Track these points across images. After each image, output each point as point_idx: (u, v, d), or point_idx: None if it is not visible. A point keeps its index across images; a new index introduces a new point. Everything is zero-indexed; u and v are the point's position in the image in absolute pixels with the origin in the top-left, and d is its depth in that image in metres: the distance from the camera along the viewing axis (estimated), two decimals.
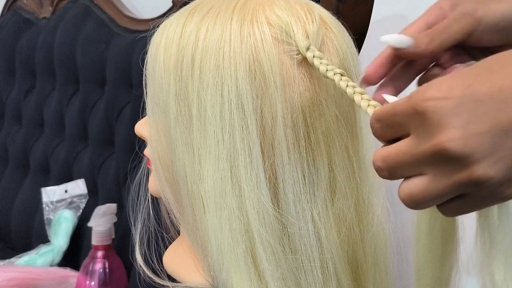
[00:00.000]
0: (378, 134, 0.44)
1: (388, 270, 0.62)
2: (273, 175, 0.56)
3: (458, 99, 0.38)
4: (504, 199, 0.40)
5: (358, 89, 0.50)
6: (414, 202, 0.41)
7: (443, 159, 0.39)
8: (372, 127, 0.44)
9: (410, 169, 0.41)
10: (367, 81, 0.53)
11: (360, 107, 0.49)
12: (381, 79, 0.53)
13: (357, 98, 0.49)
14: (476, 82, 0.38)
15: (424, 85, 0.40)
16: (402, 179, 0.42)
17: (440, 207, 0.42)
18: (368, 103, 0.48)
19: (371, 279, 0.61)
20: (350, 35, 0.61)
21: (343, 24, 0.61)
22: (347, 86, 0.51)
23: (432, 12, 0.52)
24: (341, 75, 0.52)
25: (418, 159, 0.40)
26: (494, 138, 0.38)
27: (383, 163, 0.42)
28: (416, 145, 0.40)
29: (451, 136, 0.38)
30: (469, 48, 0.52)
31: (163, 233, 0.71)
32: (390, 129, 0.42)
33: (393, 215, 0.62)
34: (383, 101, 0.47)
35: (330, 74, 0.52)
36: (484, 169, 0.38)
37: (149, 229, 0.70)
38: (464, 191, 0.40)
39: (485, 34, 0.50)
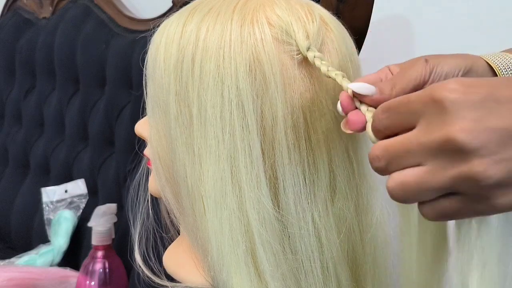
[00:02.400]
0: (383, 125, 0.44)
1: (388, 271, 0.62)
2: (273, 175, 0.56)
3: (477, 95, 0.39)
4: (495, 207, 0.40)
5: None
6: (404, 192, 0.41)
7: (449, 149, 0.39)
8: (375, 119, 0.44)
9: (409, 159, 0.41)
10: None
11: (359, 108, 0.49)
12: None
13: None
14: (498, 85, 0.39)
15: (447, 80, 0.41)
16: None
17: (424, 206, 0.42)
18: (368, 108, 0.49)
19: (371, 279, 0.61)
20: (350, 35, 0.61)
21: (343, 24, 0.61)
22: (348, 88, 0.51)
23: (383, 71, 0.54)
24: (342, 75, 0.52)
25: (423, 148, 0.40)
26: (503, 138, 0.38)
27: (384, 151, 0.42)
28: (423, 133, 0.40)
29: (463, 127, 0.38)
30: None
31: (162, 233, 0.71)
32: (398, 118, 0.43)
33: (393, 216, 0.62)
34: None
35: (331, 73, 0.53)
36: (485, 166, 0.38)
37: (148, 229, 0.70)
38: (458, 187, 0.40)
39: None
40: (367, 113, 0.49)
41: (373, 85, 0.50)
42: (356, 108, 0.50)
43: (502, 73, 0.54)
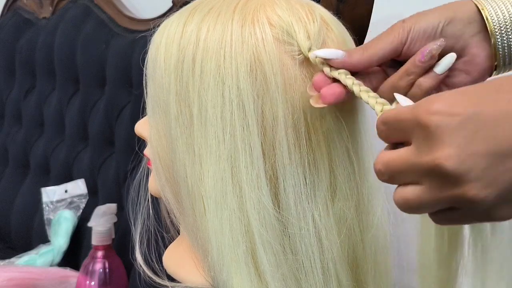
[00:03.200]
0: (383, 136, 0.44)
1: (388, 271, 0.62)
2: (273, 175, 0.56)
3: (462, 117, 0.38)
4: (496, 219, 0.41)
5: (364, 87, 0.51)
6: (407, 207, 0.42)
7: (439, 175, 0.39)
8: (377, 128, 0.45)
9: (408, 177, 0.42)
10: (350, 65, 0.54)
11: (367, 103, 0.50)
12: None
13: (364, 95, 0.50)
14: (483, 101, 0.39)
15: (432, 96, 0.41)
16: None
17: (432, 215, 0.43)
18: (376, 101, 0.49)
19: (371, 279, 0.61)
20: (351, 35, 0.61)
21: (343, 24, 0.61)
22: (353, 84, 0.52)
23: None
24: (346, 74, 0.53)
25: (416, 169, 0.41)
26: (490, 161, 0.38)
27: (385, 168, 0.43)
28: (415, 156, 0.41)
29: (449, 154, 0.39)
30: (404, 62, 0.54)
31: (163, 233, 0.71)
32: (394, 134, 0.43)
33: (393, 216, 0.62)
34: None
35: (334, 73, 0.53)
36: (477, 190, 0.39)
37: (149, 229, 0.70)
38: (456, 205, 0.41)
39: (416, 44, 0.52)
40: (347, 80, 0.51)
41: (342, 50, 0.52)
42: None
43: (495, 29, 0.52)
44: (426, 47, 0.52)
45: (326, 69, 0.53)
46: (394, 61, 0.55)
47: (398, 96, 0.47)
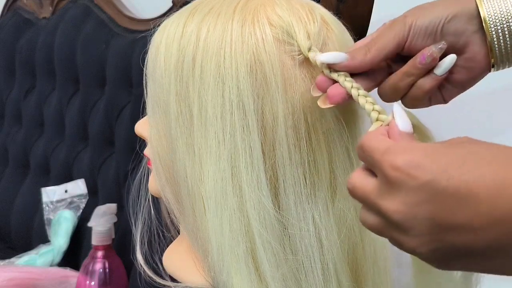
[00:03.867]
0: (359, 157, 0.46)
1: (388, 271, 0.62)
2: (274, 175, 0.56)
3: (418, 182, 0.40)
4: (436, 267, 0.43)
5: (362, 91, 0.51)
6: (367, 228, 0.45)
7: (388, 220, 0.42)
8: (357, 148, 0.46)
9: (368, 208, 0.44)
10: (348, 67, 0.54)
11: (364, 109, 0.50)
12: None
13: (361, 100, 0.50)
14: (444, 171, 0.39)
15: (402, 147, 0.42)
16: None
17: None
18: (373, 107, 0.49)
19: (371, 279, 0.61)
20: (351, 35, 0.61)
21: (343, 24, 0.61)
22: (352, 87, 0.51)
23: (367, 38, 0.55)
24: (345, 76, 0.53)
25: (373, 206, 0.43)
26: (432, 228, 0.40)
27: (351, 191, 0.45)
28: (374, 195, 0.43)
29: (398, 209, 0.41)
30: (408, 58, 0.54)
31: (163, 233, 0.71)
32: (366, 162, 0.45)
33: None
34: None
35: (334, 75, 0.53)
36: (415, 244, 0.41)
37: (149, 229, 0.70)
38: None
39: (418, 40, 0.53)
40: (346, 83, 0.51)
41: (345, 53, 0.52)
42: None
43: (490, 28, 0.52)
44: (427, 49, 0.52)
45: (326, 71, 0.53)
46: (397, 54, 0.55)
47: (396, 109, 0.47)
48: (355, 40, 0.61)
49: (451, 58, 0.52)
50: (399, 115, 0.46)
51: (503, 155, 0.39)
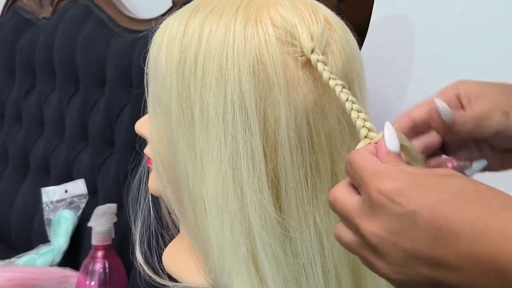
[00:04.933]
0: (346, 172, 0.46)
1: None
2: (275, 178, 0.55)
3: (401, 210, 0.40)
4: None
5: (356, 106, 0.51)
6: (339, 243, 0.46)
7: (365, 240, 0.42)
8: (345, 162, 0.46)
9: (346, 224, 0.44)
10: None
11: (355, 125, 0.50)
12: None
13: (354, 115, 0.50)
14: (428, 206, 0.39)
15: (389, 173, 0.42)
16: None
17: None
18: (364, 124, 0.49)
19: (372, 282, 0.60)
20: (355, 35, 0.60)
21: (346, 24, 0.60)
22: (347, 100, 0.51)
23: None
24: (343, 86, 0.52)
25: (351, 223, 0.43)
26: (407, 258, 0.40)
27: (332, 203, 0.45)
28: (355, 213, 0.43)
29: (376, 233, 0.41)
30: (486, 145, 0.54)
31: (163, 232, 0.71)
32: (352, 178, 0.45)
33: None
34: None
35: (332, 83, 0.52)
36: (388, 271, 0.41)
37: (149, 228, 0.70)
38: None
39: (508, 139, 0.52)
40: (342, 95, 0.52)
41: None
42: None
43: None
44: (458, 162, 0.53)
45: (326, 75, 0.53)
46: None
47: (387, 128, 0.47)
48: (359, 41, 0.61)
49: (482, 164, 0.53)
50: (388, 134, 0.46)
51: (490, 198, 0.39)
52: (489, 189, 0.40)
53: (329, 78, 0.53)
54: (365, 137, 0.49)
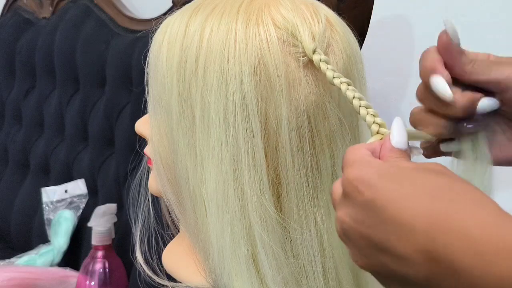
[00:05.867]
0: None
1: None
2: (276, 178, 0.55)
3: (362, 198, 0.40)
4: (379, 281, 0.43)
5: (364, 102, 0.50)
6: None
7: (341, 230, 0.43)
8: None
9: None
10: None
11: (365, 121, 0.49)
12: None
13: (362, 111, 0.50)
14: (387, 196, 0.39)
15: (365, 161, 0.43)
16: None
17: None
18: (374, 120, 0.49)
19: (372, 283, 0.60)
20: (355, 36, 0.60)
21: (347, 24, 0.60)
22: (353, 97, 0.51)
23: None
24: (348, 84, 0.52)
25: (334, 206, 0.44)
26: (369, 245, 0.40)
27: (331, 195, 0.46)
28: (336, 202, 0.44)
29: (341, 219, 0.42)
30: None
31: (163, 232, 0.71)
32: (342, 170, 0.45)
33: None
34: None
35: (336, 81, 0.52)
36: (356, 257, 0.42)
37: (149, 228, 0.70)
38: None
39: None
40: (348, 92, 0.51)
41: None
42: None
43: None
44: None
45: (329, 74, 0.53)
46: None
47: (395, 123, 0.45)
48: (359, 41, 0.61)
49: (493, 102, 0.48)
50: (396, 129, 0.45)
51: (463, 197, 0.38)
52: (468, 189, 0.38)
53: (333, 77, 0.52)
54: (377, 132, 0.48)
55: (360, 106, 0.50)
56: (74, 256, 1.24)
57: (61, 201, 1.27)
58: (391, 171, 0.41)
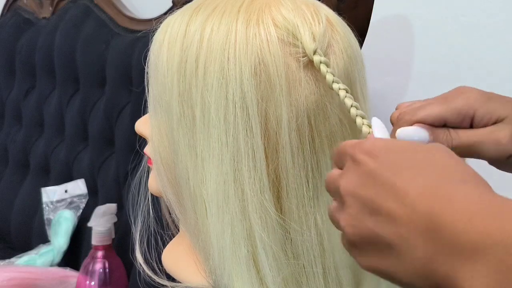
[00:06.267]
0: (333, 160, 0.47)
1: None
2: (276, 179, 0.55)
3: (366, 167, 0.42)
4: (359, 264, 0.43)
5: (361, 112, 0.51)
6: (328, 214, 0.46)
7: (340, 202, 0.43)
8: (332, 155, 0.47)
9: (331, 192, 0.46)
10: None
11: (361, 131, 0.50)
12: None
13: (358, 121, 0.51)
14: (396, 162, 0.41)
15: (370, 138, 0.44)
16: None
17: None
18: (369, 131, 0.50)
19: (372, 283, 0.60)
20: (356, 36, 0.60)
21: (347, 24, 0.60)
22: (351, 106, 0.52)
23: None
24: (346, 91, 0.52)
25: (334, 188, 0.44)
26: (361, 208, 0.41)
27: (325, 182, 0.47)
28: (338, 175, 0.44)
29: (344, 184, 0.43)
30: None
31: (163, 232, 0.71)
32: (336, 160, 0.46)
33: None
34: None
35: (335, 86, 0.53)
36: (345, 223, 0.42)
37: (149, 228, 0.70)
38: None
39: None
40: (346, 100, 0.53)
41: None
42: None
43: None
44: None
45: (329, 78, 0.53)
46: None
47: (374, 122, 0.48)
48: (359, 41, 0.61)
49: None
50: (376, 126, 0.48)
51: (455, 172, 0.40)
52: (462, 167, 0.40)
53: (333, 82, 0.53)
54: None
55: (356, 115, 0.51)
56: (74, 256, 1.23)
57: (61, 201, 1.27)
58: (398, 144, 0.43)
